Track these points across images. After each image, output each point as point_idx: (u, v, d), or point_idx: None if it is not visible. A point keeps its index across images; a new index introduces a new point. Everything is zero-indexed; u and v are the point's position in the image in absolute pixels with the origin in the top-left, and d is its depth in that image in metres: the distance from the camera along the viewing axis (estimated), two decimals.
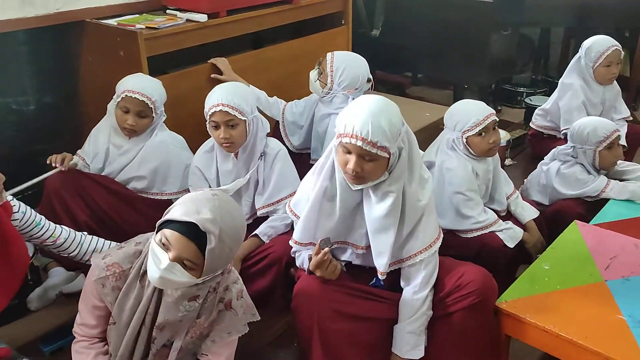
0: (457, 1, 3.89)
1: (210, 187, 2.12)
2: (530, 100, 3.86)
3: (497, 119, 2.09)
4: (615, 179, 2.36)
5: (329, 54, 2.42)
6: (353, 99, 2.36)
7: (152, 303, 1.42)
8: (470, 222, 2.06)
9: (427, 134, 3.25)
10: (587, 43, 2.76)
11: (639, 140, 3.01)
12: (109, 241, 1.86)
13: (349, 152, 1.54)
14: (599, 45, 2.70)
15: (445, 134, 2.15)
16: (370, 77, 2.45)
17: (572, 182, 2.36)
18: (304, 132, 2.57)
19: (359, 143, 1.50)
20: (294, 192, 2.03)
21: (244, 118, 1.98)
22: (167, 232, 1.33)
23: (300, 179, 2.33)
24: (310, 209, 1.68)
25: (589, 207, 2.31)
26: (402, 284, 1.75)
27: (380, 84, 4.71)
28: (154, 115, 2.14)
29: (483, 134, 2.05)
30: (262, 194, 2.11)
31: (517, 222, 2.20)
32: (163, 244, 1.33)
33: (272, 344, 2.06)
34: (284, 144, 2.53)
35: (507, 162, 3.00)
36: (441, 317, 1.72)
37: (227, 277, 1.49)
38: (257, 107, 2.43)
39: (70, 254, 1.82)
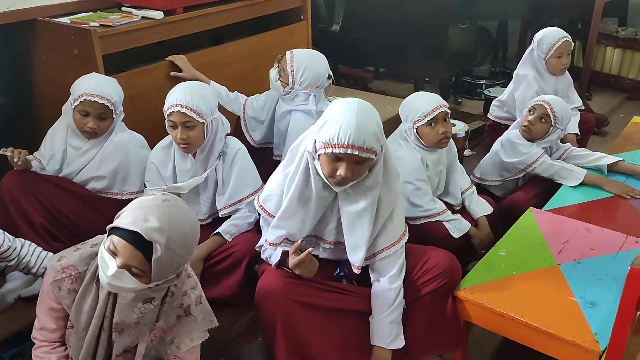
0: None
1: (165, 184, 2.10)
2: (489, 91, 3.94)
3: (449, 111, 2.13)
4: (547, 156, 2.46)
5: (288, 53, 2.41)
6: (315, 96, 2.40)
7: (108, 306, 1.41)
8: (418, 210, 2.10)
9: (389, 127, 3.25)
10: (538, 35, 2.84)
11: (591, 128, 3.12)
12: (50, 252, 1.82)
13: (339, 160, 1.55)
14: (549, 37, 2.78)
15: (402, 125, 2.20)
16: (331, 73, 2.46)
17: (510, 145, 2.47)
18: (265, 127, 2.57)
19: (355, 152, 1.52)
20: (255, 191, 2.10)
21: (202, 120, 1.96)
22: (115, 238, 1.31)
23: (263, 174, 2.36)
24: (283, 213, 1.69)
25: (539, 201, 2.37)
26: (372, 277, 1.77)
27: (343, 79, 4.73)
28: (114, 116, 2.11)
29: (432, 124, 2.09)
30: (222, 194, 2.10)
31: (470, 217, 2.25)
32: (111, 250, 1.32)
33: (237, 339, 2.06)
34: (245, 140, 2.54)
35: (467, 152, 3.06)
36: (411, 303, 1.77)
37: (186, 281, 1.47)
38: (219, 103, 2.44)
39: (10, 263, 1.80)
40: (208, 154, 2.06)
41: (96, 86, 2.06)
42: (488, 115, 3.15)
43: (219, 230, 2.05)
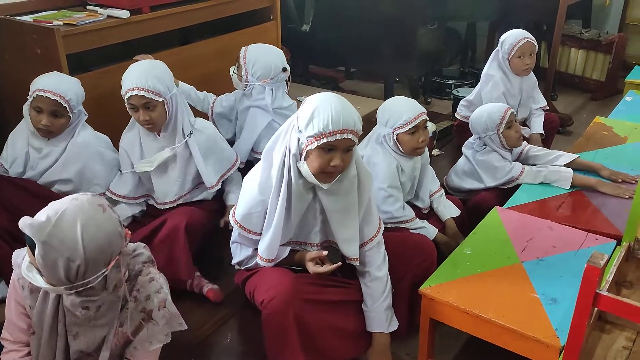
0: None
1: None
2: (458, 91, 3.99)
3: (428, 119, 2.15)
4: (527, 165, 2.49)
5: (242, 49, 2.45)
6: (272, 89, 2.40)
7: (60, 309, 1.39)
8: (386, 217, 2.12)
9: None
10: (503, 37, 2.89)
11: (555, 128, 3.19)
12: None
13: (331, 150, 1.55)
14: (511, 38, 2.83)
15: (377, 129, 2.20)
16: (287, 66, 2.46)
17: (490, 169, 2.47)
18: (233, 125, 2.57)
19: (350, 136, 1.54)
20: (237, 159, 2.27)
21: (161, 99, 2.00)
22: None
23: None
24: (275, 226, 1.68)
25: (504, 198, 2.41)
26: (359, 268, 1.83)
27: (314, 79, 4.75)
28: (69, 114, 2.07)
29: (414, 132, 2.09)
30: (209, 169, 2.18)
31: (438, 219, 2.29)
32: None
33: (206, 340, 2.05)
34: None
35: (435, 152, 3.10)
36: (394, 285, 1.86)
37: (148, 285, 1.45)
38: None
39: None
40: (173, 129, 2.11)
41: (51, 83, 2.04)
42: (455, 115, 3.19)
43: (230, 203, 2.22)
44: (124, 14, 2.38)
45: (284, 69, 2.44)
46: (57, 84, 2.03)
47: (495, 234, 2.01)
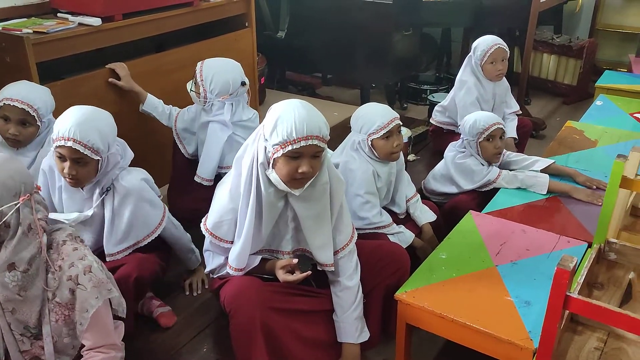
0: (359, 3, 3.98)
1: (54, 206, 1.93)
2: (433, 97, 4.03)
3: (401, 123, 2.16)
4: (505, 169, 2.51)
5: (198, 64, 2.40)
6: (232, 104, 2.39)
7: None
8: (363, 223, 2.13)
9: (335, 133, 3.28)
10: (475, 43, 2.93)
11: (528, 132, 3.24)
12: None
13: (298, 157, 1.54)
14: (483, 44, 2.87)
15: (352, 135, 2.21)
16: (245, 80, 2.43)
17: (468, 172, 2.49)
18: (196, 138, 2.52)
19: (315, 142, 1.53)
20: (149, 235, 1.96)
21: (96, 158, 1.76)
22: None
23: (205, 187, 2.32)
24: (245, 236, 1.68)
25: (481, 201, 2.45)
26: (331, 277, 1.83)
27: (291, 85, 4.76)
28: (38, 123, 2.04)
29: (388, 137, 2.11)
30: (111, 235, 1.90)
31: (415, 224, 2.31)
32: None
33: (182, 351, 2.03)
34: (180, 152, 2.53)
35: (411, 157, 3.12)
36: (367, 294, 1.86)
37: (71, 253, 1.49)
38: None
39: None
40: (96, 184, 1.87)
41: (19, 91, 1.99)
42: (431, 120, 3.22)
43: None
44: (96, 21, 2.35)
45: (243, 83, 2.40)
46: (25, 93, 2.00)
47: (470, 239, 2.03)
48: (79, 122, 1.72)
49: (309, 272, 1.70)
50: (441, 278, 1.82)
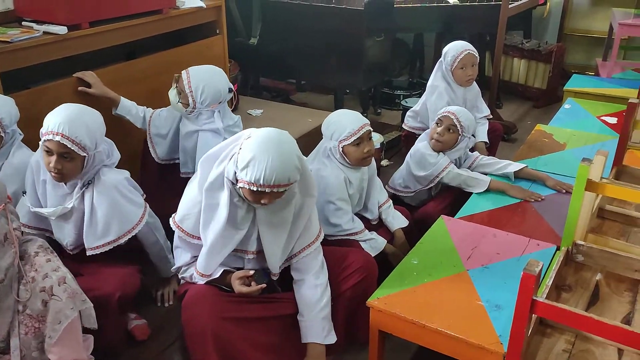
0: (330, 10, 4.00)
1: (38, 199, 1.95)
2: (406, 102, 4.06)
3: (371, 129, 2.18)
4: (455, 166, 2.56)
5: (184, 73, 2.35)
6: (219, 112, 2.38)
7: None
8: (335, 230, 2.14)
9: (310, 139, 3.32)
10: (445, 49, 2.95)
11: (499, 136, 3.28)
12: None
13: (262, 193, 1.57)
14: (453, 50, 2.90)
15: (324, 142, 2.21)
16: (231, 86, 2.43)
17: (419, 157, 2.54)
18: (168, 142, 2.50)
19: (281, 189, 1.58)
20: (128, 231, 1.98)
21: (82, 154, 1.80)
22: None
23: (171, 191, 2.29)
24: (214, 242, 1.69)
25: (451, 210, 2.47)
26: (296, 277, 1.84)
27: (265, 91, 4.75)
28: (2, 134, 2.00)
29: (358, 144, 2.12)
30: (90, 230, 1.92)
31: (387, 230, 2.32)
32: None
33: None
34: (151, 155, 2.49)
35: (384, 162, 3.14)
36: (333, 299, 1.86)
37: (45, 265, 1.48)
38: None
39: None
40: (78, 181, 1.90)
41: None
42: (403, 126, 3.24)
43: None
44: (61, 30, 2.31)
45: (230, 90, 2.40)
46: None
47: (442, 243, 2.04)
48: (68, 118, 1.77)
49: (264, 285, 1.72)
50: (413, 284, 1.82)
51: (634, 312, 1.66)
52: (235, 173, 1.59)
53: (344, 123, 2.12)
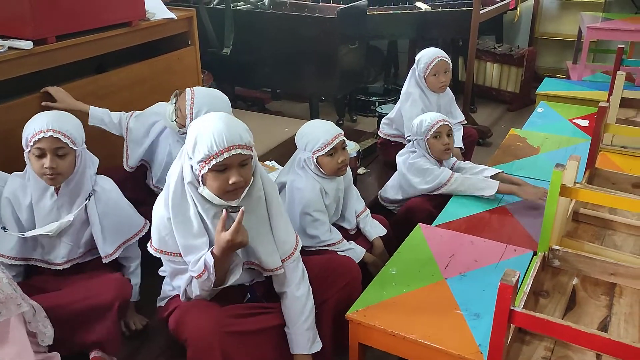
0: (304, 18, 3.99)
1: (24, 226, 1.93)
2: (382, 109, 4.05)
3: (345, 139, 2.17)
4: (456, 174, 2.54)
5: (188, 92, 2.17)
6: None
7: None
8: (313, 241, 2.12)
9: (286, 149, 3.30)
10: (418, 56, 2.97)
11: (474, 142, 3.30)
12: None
13: (225, 169, 1.53)
14: (426, 57, 2.91)
15: (298, 153, 2.19)
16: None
17: (421, 171, 2.51)
18: (141, 152, 2.41)
19: (238, 151, 1.52)
20: (141, 230, 2.07)
21: (75, 148, 1.88)
22: None
23: (136, 201, 2.23)
24: (186, 250, 1.66)
25: (436, 204, 2.47)
26: (278, 288, 1.81)
27: (240, 100, 4.72)
28: None
29: (332, 154, 2.11)
30: (103, 237, 1.97)
31: (365, 239, 2.31)
32: None
33: None
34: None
35: (360, 170, 3.13)
36: (318, 306, 1.84)
37: None
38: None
39: None
40: (75, 189, 1.93)
41: None
42: (378, 133, 3.24)
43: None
44: (27, 44, 2.25)
45: None
46: None
47: (419, 252, 2.03)
48: (54, 117, 1.86)
49: (243, 209, 1.58)
50: (392, 294, 1.81)
51: (610, 316, 1.66)
52: (192, 167, 1.56)
53: (317, 134, 2.11)
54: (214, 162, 1.51)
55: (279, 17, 4.06)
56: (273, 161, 3.16)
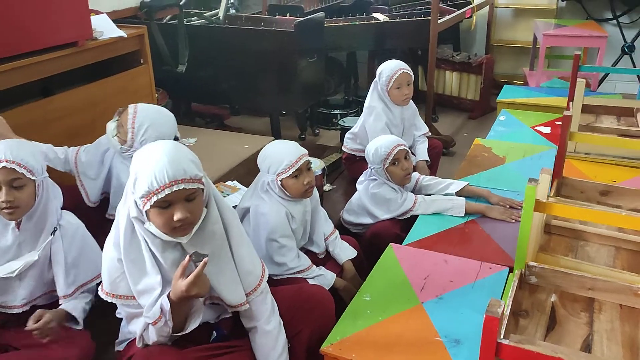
0: (260, 33, 3.90)
1: None
2: (344, 121, 4.00)
3: (310, 160, 2.08)
4: (421, 194, 2.48)
5: (131, 107, 2.10)
6: None
7: None
8: (281, 269, 2.02)
9: (248, 167, 3.19)
10: (380, 69, 2.91)
11: (439, 153, 3.26)
12: None
13: (169, 205, 1.40)
14: (388, 70, 2.85)
15: (261, 176, 2.09)
16: (178, 135, 2.21)
17: (383, 202, 2.43)
18: (100, 183, 2.27)
19: (182, 186, 1.39)
20: (94, 278, 1.87)
21: (33, 178, 1.70)
22: None
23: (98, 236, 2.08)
24: (140, 289, 1.53)
25: (403, 225, 2.41)
26: (247, 324, 1.69)
27: (198, 117, 4.58)
28: None
29: (297, 175, 2.01)
30: (65, 276, 1.79)
31: (335, 264, 2.22)
32: None
33: None
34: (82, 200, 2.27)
35: (327, 187, 3.05)
36: (291, 339, 1.73)
37: None
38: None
39: None
40: (38, 223, 1.75)
41: None
42: (343, 148, 3.17)
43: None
44: None
45: (176, 138, 2.17)
46: None
47: (393, 275, 1.95)
48: (7, 145, 1.69)
49: (206, 258, 1.47)
50: (367, 324, 1.72)
51: (592, 334, 1.62)
52: (136, 203, 1.43)
53: (281, 155, 2.01)
54: (155, 198, 1.38)
55: (235, 32, 3.96)
56: (235, 181, 3.04)
